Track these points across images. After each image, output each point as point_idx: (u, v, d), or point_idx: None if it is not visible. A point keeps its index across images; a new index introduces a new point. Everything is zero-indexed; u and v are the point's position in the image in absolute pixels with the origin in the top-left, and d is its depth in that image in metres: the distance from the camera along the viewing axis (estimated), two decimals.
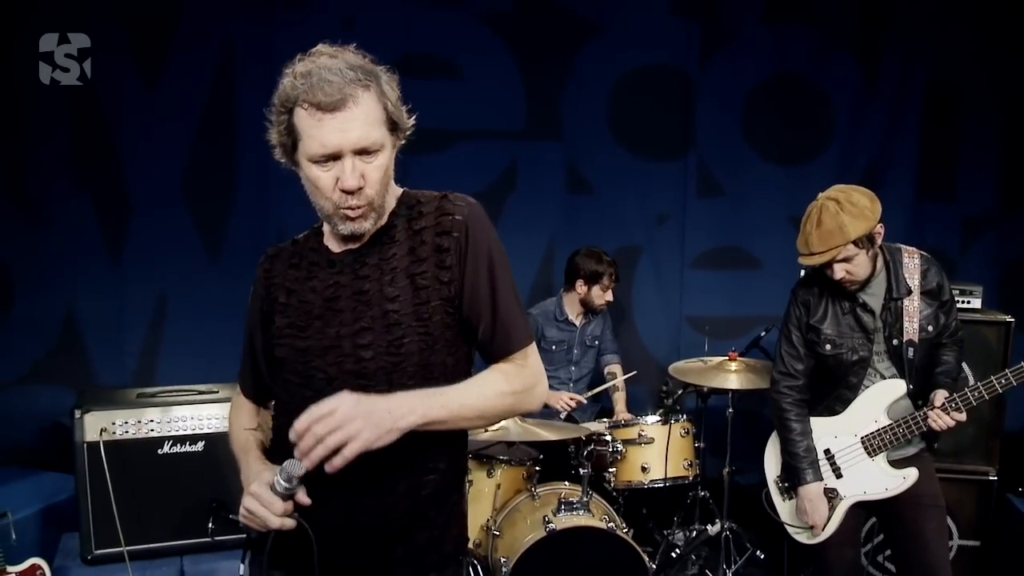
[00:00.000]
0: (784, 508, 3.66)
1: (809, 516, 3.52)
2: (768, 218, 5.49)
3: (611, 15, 5.51)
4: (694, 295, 5.72)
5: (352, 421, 1.80)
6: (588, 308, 5.17)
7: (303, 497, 1.91)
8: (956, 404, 3.30)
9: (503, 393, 2.04)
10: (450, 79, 5.47)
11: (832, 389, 3.51)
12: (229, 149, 5.24)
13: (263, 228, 5.34)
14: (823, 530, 3.52)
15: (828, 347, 3.45)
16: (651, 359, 5.69)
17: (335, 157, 1.90)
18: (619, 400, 5.21)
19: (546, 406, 5.05)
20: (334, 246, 2.09)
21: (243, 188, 5.29)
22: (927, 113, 5.52)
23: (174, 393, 4.18)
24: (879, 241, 3.34)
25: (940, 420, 3.31)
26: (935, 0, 5.41)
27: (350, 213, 1.95)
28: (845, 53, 5.55)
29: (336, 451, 1.79)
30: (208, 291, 5.25)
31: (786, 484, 3.64)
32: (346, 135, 1.89)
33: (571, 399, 4.95)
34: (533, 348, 2.16)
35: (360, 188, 1.93)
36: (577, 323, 5.22)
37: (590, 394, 5.11)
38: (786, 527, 3.63)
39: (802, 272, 3.61)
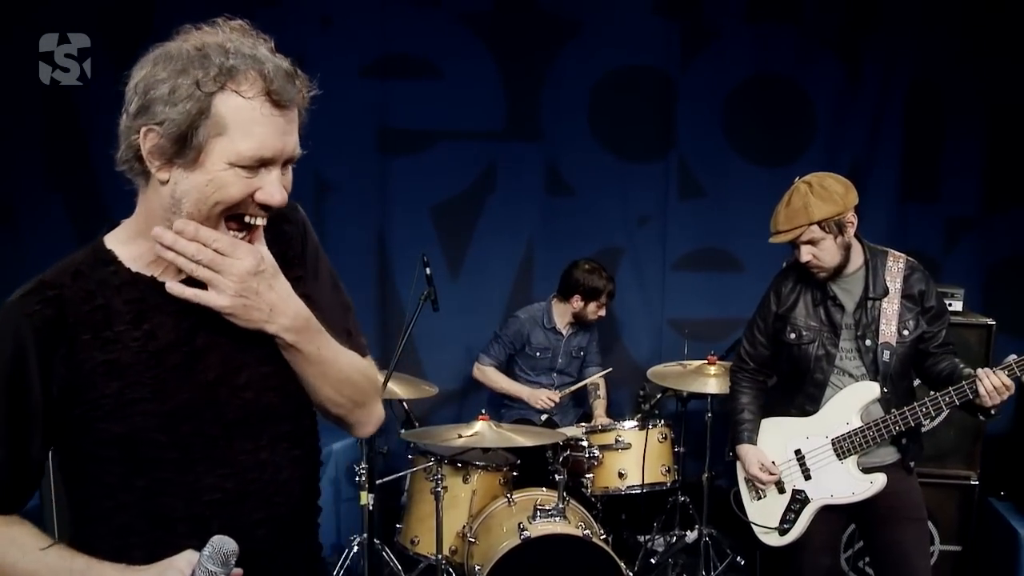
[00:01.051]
0: (753, 508, 3.61)
1: (744, 471, 3.58)
2: (750, 220, 5.40)
3: (591, 15, 5.45)
4: (676, 297, 5.66)
5: (233, 277, 1.54)
6: (580, 321, 5.12)
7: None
8: (1013, 370, 3.15)
9: (367, 378, 1.82)
10: (428, 79, 5.43)
11: (799, 385, 3.47)
12: None
13: None
14: (767, 490, 3.56)
15: (792, 336, 3.45)
16: (632, 362, 5.63)
17: (264, 164, 1.54)
18: (599, 406, 5.16)
19: (526, 405, 5.03)
20: (167, 275, 1.62)
21: None
22: (910, 114, 5.46)
23: None
24: (850, 231, 3.33)
25: (989, 380, 3.14)
26: (919, 1, 5.36)
27: (237, 228, 1.59)
28: (828, 53, 5.49)
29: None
30: None
31: (732, 454, 3.67)
32: (288, 140, 1.57)
33: (549, 397, 4.92)
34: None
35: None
36: (564, 332, 5.17)
37: (568, 391, 5.06)
38: (753, 527, 3.59)
39: (784, 264, 3.66)
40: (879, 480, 3.36)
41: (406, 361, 5.29)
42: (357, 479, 4.18)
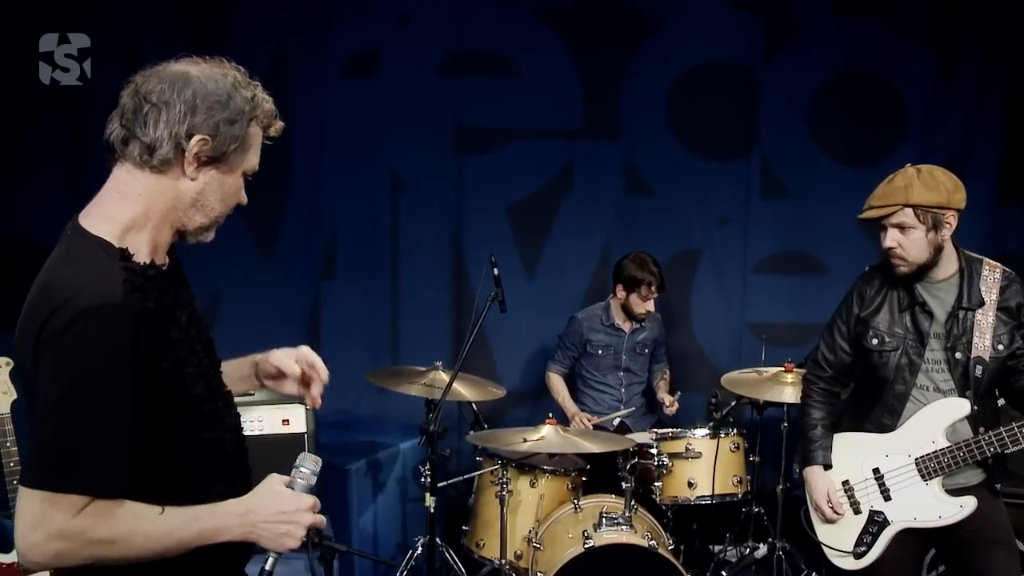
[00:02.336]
0: (825, 529, 3.42)
1: (810, 497, 3.38)
2: (835, 222, 5.25)
3: (671, 10, 5.34)
4: (757, 301, 5.50)
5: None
6: (629, 316, 5.02)
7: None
8: None
9: None
10: (505, 77, 5.38)
11: (877, 396, 3.27)
12: (282, 147, 5.18)
13: (316, 226, 5.37)
14: (835, 522, 3.34)
15: (875, 341, 3.25)
16: (710, 367, 5.49)
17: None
18: (661, 387, 5.14)
19: (600, 406, 5.04)
20: (159, 257, 1.90)
21: (296, 186, 5.30)
22: (1010, 111, 5.22)
23: None
24: (946, 232, 3.11)
25: None
26: None
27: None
28: (921, 48, 5.28)
29: None
30: (260, 289, 5.26)
31: (798, 472, 3.48)
32: None
33: (583, 422, 4.86)
34: None
35: None
36: (625, 329, 5.07)
37: (603, 420, 4.94)
38: (825, 549, 3.39)
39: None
40: (969, 503, 3.15)
41: (479, 362, 5.29)
42: (422, 480, 4.15)
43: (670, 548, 4.09)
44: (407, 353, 5.36)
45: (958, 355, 3.14)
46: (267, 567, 1.94)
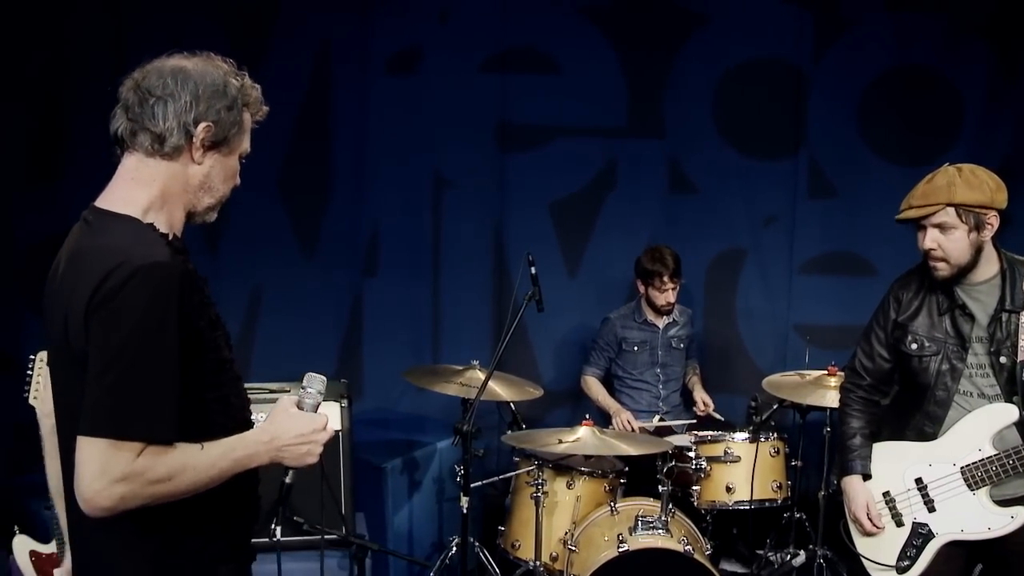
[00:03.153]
0: (865, 542, 3.30)
1: (848, 509, 3.26)
2: (885, 222, 4.98)
3: (717, 5, 5.27)
4: (803, 302, 5.40)
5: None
6: (654, 309, 4.99)
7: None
8: None
9: None
10: (548, 74, 5.34)
11: (918, 404, 3.17)
12: (325, 145, 5.26)
13: (358, 223, 5.37)
14: (875, 534, 3.22)
15: (914, 346, 3.14)
16: (755, 368, 5.39)
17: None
18: (696, 386, 5.11)
19: (640, 405, 5.00)
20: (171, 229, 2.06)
21: (338, 184, 5.30)
22: None
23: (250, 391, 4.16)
24: (987, 233, 3.01)
25: None
26: None
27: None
28: (978, 42, 5.15)
29: None
30: (302, 286, 5.27)
31: (836, 483, 3.38)
32: None
33: (629, 421, 4.82)
34: None
35: None
36: (659, 324, 5.04)
37: (653, 425, 4.89)
38: (865, 563, 3.28)
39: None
40: (1020, 514, 3.03)
41: (519, 361, 5.27)
42: (458, 479, 4.13)
43: (708, 553, 4.03)
44: (448, 351, 5.34)
45: (1003, 359, 3.03)
46: (287, 480, 2.27)
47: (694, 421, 4.99)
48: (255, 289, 5.22)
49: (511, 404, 4.63)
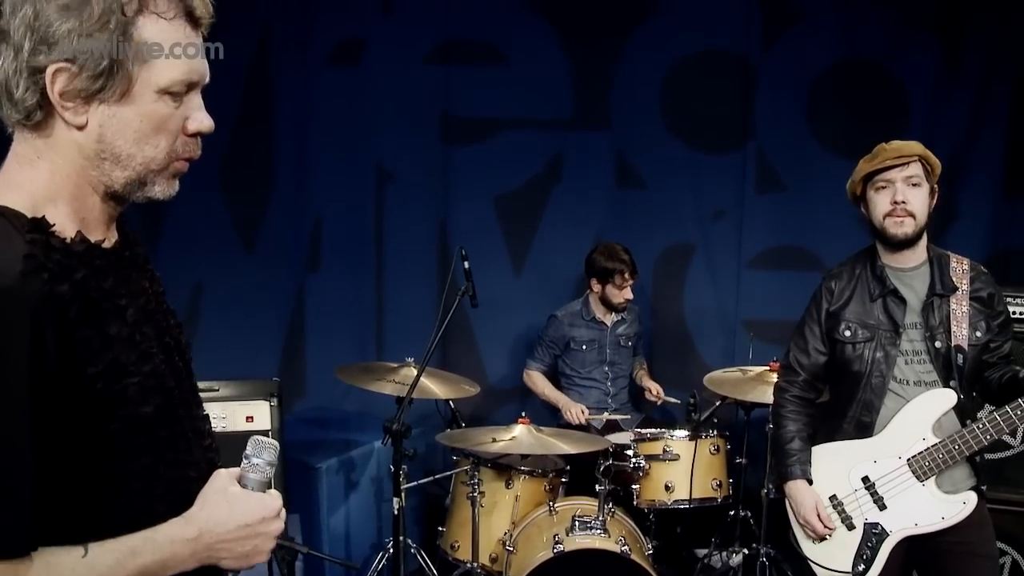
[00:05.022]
0: (816, 550, 3.21)
1: (797, 514, 3.19)
2: (834, 216, 5.06)
3: None
4: (751, 297, 5.35)
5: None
6: (609, 307, 4.91)
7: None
8: None
9: None
10: (493, 65, 5.25)
11: (854, 392, 3.12)
12: (266, 137, 5.15)
13: (300, 217, 5.26)
14: (825, 539, 3.16)
15: (847, 333, 3.12)
16: (703, 365, 5.30)
17: (190, 89, 1.44)
18: (644, 378, 5.07)
19: (561, 416, 4.91)
20: (95, 233, 1.44)
21: (280, 177, 5.19)
22: (1016, 103, 5.03)
23: None
24: (933, 202, 3.08)
25: None
26: None
27: (182, 168, 1.48)
28: (924, 36, 5.10)
29: None
30: (244, 282, 5.16)
31: (771, 488, 3.30)
32: (205, 63, 1.46)
33: (580, 412, 4.77)
34: None
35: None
36: (607, 322, 4.97)
37: (604, 417, 4.84)
38: (818, 570, 3.20)
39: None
40: (971, 499, 3.00)
41: (463, 357, 5.19)
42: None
43: (648, 553, 3.96)
44: (392, 348, 5.23)
45: (938, 344, 3.01)
46: None
47: (643, 416, 4.96)
48: (195, 286, 5.10)
49: (449, 402, 4.54)
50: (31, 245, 1.30)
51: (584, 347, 4.94)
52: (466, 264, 3.88)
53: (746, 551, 4.46)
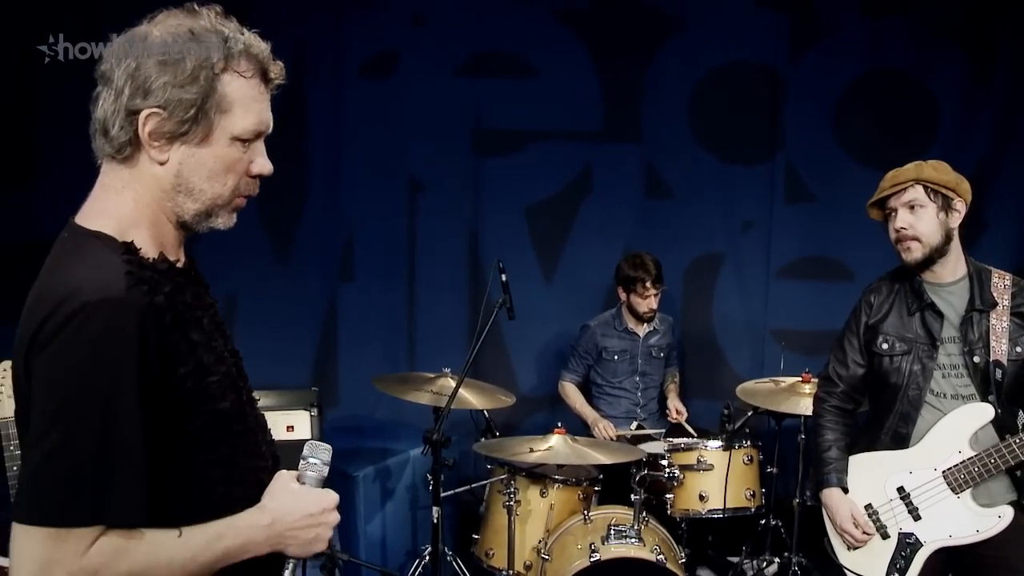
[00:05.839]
0: (851, 558, 3.23)
1: (832, 522, 3.22)
2: (862, 226, 5.01)
3: (693, 9, 5.25)
4: (780, 307, 5.39)
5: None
6: (636, 316, 4.95)
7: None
8: None
9: None
10: (524, 78, 5.32)
11: (891, 404, 3.15)
12: (300, 150, 5.21)
13: (333, 228, 5.32)
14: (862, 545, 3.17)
15: (884, 346, 3.15)
16: (733, 374, 5.37)
17: (257, 138, 1.66)
18: (672, 393, 5.09)
19: (617, 412, 4.98)
20: (170, 255, 1.64)
21: (313, 188, 5.26)
22: None
23: None
24: (956, 218, 3.07)
25: None
26: None
27: (242, 204, 1.69)
28: (952, 47, 5.14)
29: None
30: (277, 292, 5.23)
31: (808, 495, 3.36)
32: (271, 115, 1.68)
33: (605, 428, 4.81)
34: None
35: None
36: (639, 332, 5.00)
37: (631, 433, 4.87)
38: (848, 574, 3.23)
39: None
40: (1007, 513, 3.00)
41: (495, 367, 5.23)
42: (431, 488, 4.10)
43: (682, 562, 3.99)
44: (423, 357, 5.30)
45: (976, 359, 3.03)
46: (287, 575, 1.72)
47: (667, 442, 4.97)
48: (230, 297, 5.15)
49: (484, 412, 4.59)
50: (127, 264, 1.51)
51: (616, 357, 4.98)
52: (503, 277, 3.93)
53: (778, 560, 4.48)
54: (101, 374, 1.43)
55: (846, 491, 3.22)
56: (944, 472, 3.05)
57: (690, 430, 4.84)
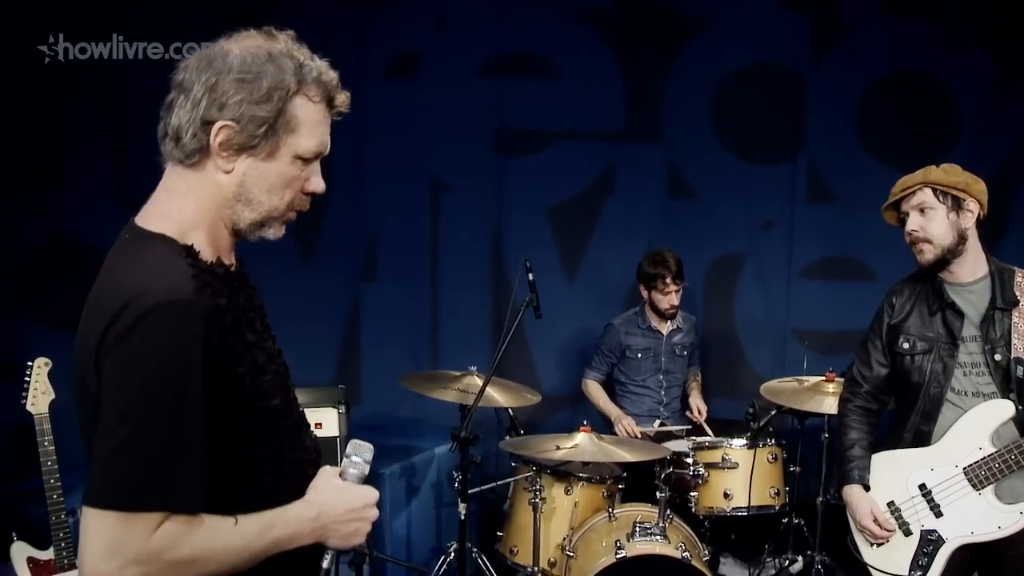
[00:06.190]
0: (874, 555, 3.26)
1: (853, 519, 3.25)
2: (883, 227, 5.04)
3: (715, 10, 5.27)
4: (801, 307, 5.41)
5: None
6: (658, 314, 4.98)
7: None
8: None
9: None
10: (546, 78, 5.35)
11: (913, 402, 3.18)
12: None
13: (356, 228, 5.36)
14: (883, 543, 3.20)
15: (906, 345, 3.20)
16: (754, 373, 5.39)
17: (316, 158, 1.78)
18: (694, 391, 5.11)
19: (640, 410, 5.00)
20: (224, 258, 1.75)
21: (336, 188, 5.29)
22: None
23: None
24: (969, 218, 3.10)
25: None
26: None
27: (293, 218, 1.83)
28: (975, 47, 5.13)
29: None
30: (300, 291, 5.26)
31: (833, 493, 3.41)
32: (329, 138, 1.80)
33: (628, 426, 4.83)
34: None
35: None
36: (663, 330, 5.03)
37: (654, 430, 4.90)
38: (872, 571, 3.25)
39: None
40: None
41: (517, 366, 5.26)
42: (456, 485, 4.13)
43: (705, 559, 4.02)
44: (446, 356, 5.35)
45: (998, 357, 3.05)
46: (326, 564, 1.80)
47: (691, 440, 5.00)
48: None
49: (508, 410, 4.62)
50: (192, 267, 1.61)
51: (639, 355, 5.00)
52: (530, 276, 3.96)
53: (801, 558, 4.50)
54: (170, 372, 1.52)
55: (867, 488, 3.24)
56: (965, 469, 3.08)
57: (707, 430, 4.85)
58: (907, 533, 3.18)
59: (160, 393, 1.52)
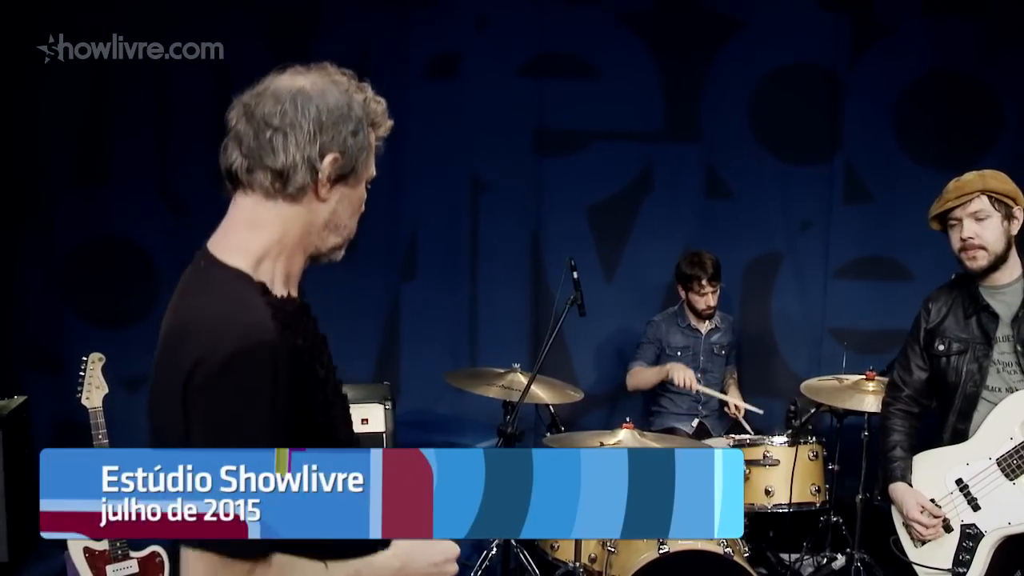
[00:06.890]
0: (919, 553, 3.30)
1: (901, 515, 3.30)
2: (921, 227, 5.01)
3: (754, 11, 5.28)
4: (838, 307, 5.41)
5: None
6: (695, 313, 5.02)
7: None
8: None
9: None
10: (586, 79, 5.37)
11: (951, 402, 3.26)
12: None
13: (396, 227, 5.41)
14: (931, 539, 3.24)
15: (941, 347, 3.28)
16: (790, 372, 5.42)
17: None
18: (731, 388, 5.15)
19: (675, 413, 5.02)
20: (292, 286, 1.80)
21: (376, 188, 5.31)
22: None
23: None
24: (1016, 225, 3.18)
25: None
26: None
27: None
28: (1016, 47, 5.12)
29: None
30: (341, 290, 5.30)
31: (874, 493, 3.48)
32: None
33: (689, 378, 4.82)
34: None
35: None
36: (701, 329, 5.07)
37: (707, 391, 4.94)
38: (920, 571, 3.29)
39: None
40: None
41: (556, 364, 5.28)
42: None
43: (746, 555, 4.05)
44: (485, 354, 5.39)
45: None
46: None
47: (731, 438, 4.99)
48: None
49: (550, 407, 4.67)
50: (270, 306, 1.64)
51: (679, 354, 5.03)
52: (575, 274, 4.01)
53: (841, 556, 4.52)
54: (259, 415, 1.57)
55: (910, 486, 3.29)
56: (998, 459, 3.14)
57: (747, 427, 4.88)
58: (948, 529, 3.23)
59: (251, 437, 1.56)
